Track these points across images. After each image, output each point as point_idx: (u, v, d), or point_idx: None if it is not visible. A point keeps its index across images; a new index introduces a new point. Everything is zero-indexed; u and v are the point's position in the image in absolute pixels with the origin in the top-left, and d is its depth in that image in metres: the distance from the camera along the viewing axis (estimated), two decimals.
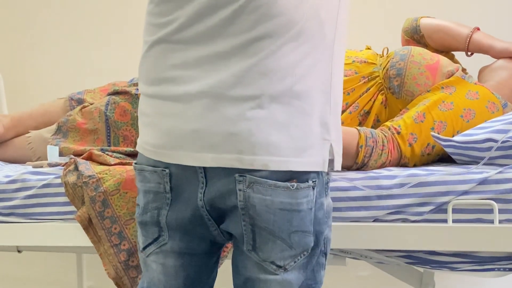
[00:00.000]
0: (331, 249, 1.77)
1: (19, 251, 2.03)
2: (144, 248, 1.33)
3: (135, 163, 1.32)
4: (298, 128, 1.17)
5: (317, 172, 1.20)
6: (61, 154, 1.98)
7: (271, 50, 1.15)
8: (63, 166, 1.85)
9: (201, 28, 1.19)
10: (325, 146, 1.19)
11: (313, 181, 1.19)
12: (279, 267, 1.22)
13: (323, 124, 1.19)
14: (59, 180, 1.80)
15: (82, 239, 1.76)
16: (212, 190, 1.22)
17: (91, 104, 2.09)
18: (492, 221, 1.61)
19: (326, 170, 1.20)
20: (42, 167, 1.90)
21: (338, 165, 1.22)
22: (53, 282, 2.93)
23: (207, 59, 1.18)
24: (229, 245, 1.68)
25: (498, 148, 1.64)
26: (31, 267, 2.94)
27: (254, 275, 1.23)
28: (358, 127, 1.75)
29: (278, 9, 1.15)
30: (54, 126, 2.08)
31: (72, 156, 1.88)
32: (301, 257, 1.22)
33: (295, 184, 1.18)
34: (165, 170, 1.25)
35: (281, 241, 1.20)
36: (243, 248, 1.24)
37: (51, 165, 1.89)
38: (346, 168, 1.73)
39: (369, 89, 1.92)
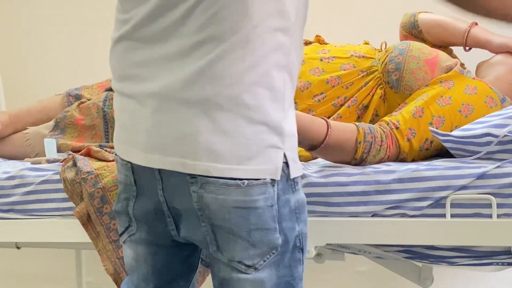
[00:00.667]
0: (330, 244, 1.78)
1: (18, 248, 2.03)
2: (120, 235, 1.37)
3: (115, 154, 1.35)
4: (245, 136, 1.16)
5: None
6: (59, 150, 1.98)
7: (217, 54, 1.14)
8: (61, 162, 1.85)
9: (157, 28, 1.20)
10: (278, 154, 1.18)
11: (271, 178, 1.18)
12: (249, 266, 1.21)
13: (275, 132, 1.17)
14: (57, 176, 1.80)
15: (81, 235, 1.76)
16: (169, 189, 1.23)
17: (89, 100, 2.09)
18: (490, 216, 1.61)
19: (278, 178, 1.18)
20: (40, 163, 1.90)
21: (295, 171, 1.21)
22: (52, 279, 2.93)
23: (162, 59, 1.19)
24: None
25: (497, 143, 1.64)
26: (30, 263, 2.94)
27: (228, 275, 1.23)
28: (357, 123, 1.75)
29: (225, 12, 1.13)
30: (51, 122, 2.08)
31: (71, 152, 1.88)
32: (270, 255, 1.21)
33: (246, 181, 1.17)
34: (128, 164, 1.27)
35: (241, 240, 1.20)
36: (210, 251, 1.24)
37: (49, 161, 1.89)
38: (344, 163, 1.73)
39: (367, 83, 1.92)
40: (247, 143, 1.16)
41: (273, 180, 1.18)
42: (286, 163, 1.19)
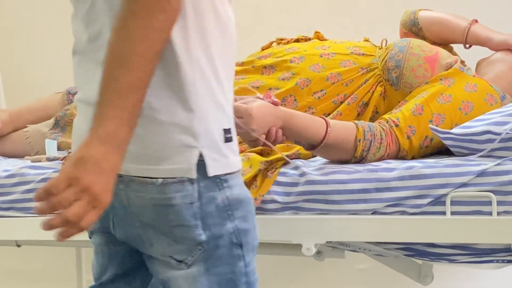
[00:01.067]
0: (330, 242, 1.78)
1: (18, 246, 2.03)
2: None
3: None
4: (155, 139, 1.17)
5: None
6: (59, 148, 1.98)
7: None
8: (61, 160, 1.85)
9: (90, 35, 1.23)
10: (192, 153, 1.18)
11: (187, 177, 1.19)
12: (180, 261, 1.23)
13: (187, 132, 1.18)
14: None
15: (81, 233, 1.75)
16: None
17: None
18: (490, 213, 1.61)
19: (193, 177, 1.18)
20: (40, 161, 1.90)
21: (216, 169, 1.20)
22: (52, 276, 2.94)
23: (92, 66, 1.21)
24: None
25: (498, 140, 1.64)
26: (30, 261, 2.95)
27: (165, 276, 1.25)
28: (356, 121, 1.75)
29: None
30: (51, 121, 2.08)
31: (70, 150, 1.88)
32: (197, 251, 1.22)
33: (161, 180, 1.18)
34: None
35: (165, 236, 1.22)
36: (145, 251, 1.26)
37: (49, 159, 1.89)
38: (344, 162, 1.73)
39: (367, 81, 1.91)
40: (158, 144, 1.17)
41: (191, 178, 1.18)
42: (202, 161, 1.18)
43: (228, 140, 1.21)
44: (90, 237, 1.39)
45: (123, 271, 1.36)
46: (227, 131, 1.20)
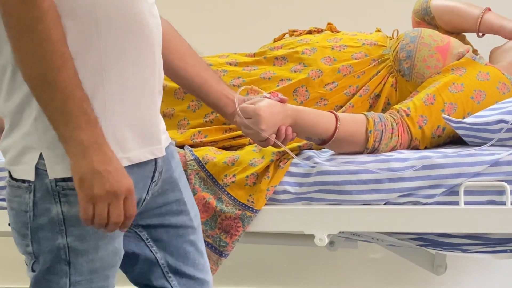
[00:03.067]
0: (343, 232, 1.78)
1: None
2: None
3: None
4: (9, 141, 1.21)
5: (41, 178, 1.19)
6: None
7: None
8: None
9: None
10: (33, 155, 1.19)
11: (28, 184, 1.19)
12: (27, 264, 1.26)
13: (27, 133, 1.18)
14: None
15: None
16: None
17: None
18: (504, 203, 1.60)
19: (32, 179, 1.19)
20: None
21: (58, 172, 1.18)
22: None
23: None
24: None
25: (509, 130, 1.63)
26: None
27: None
28: (366, 113, 1.74)
29: None
30: None
31: None
32: (31, 261, 1.24)
33: (8, 179, 1.23)
34: None
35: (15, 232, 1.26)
36: None
37: None
38: (357, 154, 1.73)
39: (379, 72, 1.91)
40: (11, 146, 1.21)
41: (29, 186, 1.19)
42: (43, 162, 1.18)
43: None
44: None
45: None
46: None
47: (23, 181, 1.20)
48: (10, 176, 1.23)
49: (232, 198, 1.71)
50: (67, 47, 1.12)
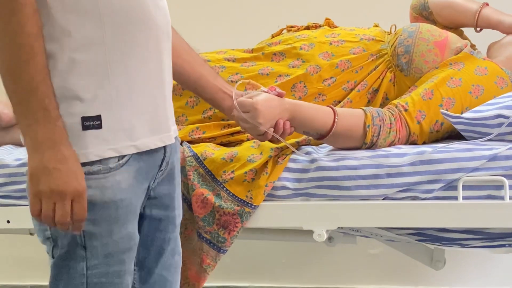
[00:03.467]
0: (341, 228, 1.78)
1: (31, 234, 2.05)
2: None
3: None
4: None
5: None
6: None
7: None
8: None
9: None
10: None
11: None
12: (48, 253, 1.29)
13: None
14: None
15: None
16: None
17: None
18: (502, 197, 1.60)
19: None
20: None
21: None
22: None
23: None
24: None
25: (508, 124, 1.63)
26: (43, 249, 2.96)
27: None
28: (364, 108, 1.74)
29: None
30: None
31: None
32: (49, 245, 1.28)
33: (26, 170, 1.24)
34: None
35: None
36: None
37: None
38: (355, 149, 1.73)
39: (377, 67, 1.91)
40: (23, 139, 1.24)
41: None
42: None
43: (88, 127, 1.20)
44: None
45: None
46: (88, 118, 1.20)
47: None
48: None
49: (231, 194, 1.71)
50: (40, 41, 1.14)
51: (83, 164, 1.19)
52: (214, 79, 1.66)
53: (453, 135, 1.81)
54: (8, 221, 1.84)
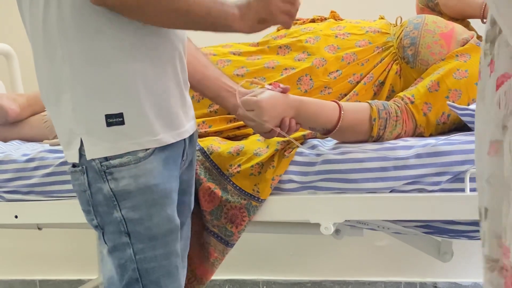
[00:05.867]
0: (348, 221, 1.78)
1: (39, 228, 2.06)
2: None
3: None
4: (60, 128, 1.37)
5: (90, 160, 1.34)
6: None
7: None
8: None
9: None
10: (76, 141, 1.34)
11: (80, 167, 1.35)
12: (100, 239, 1.39)
13: (72, 121, 1.33)
14: None
15: None
16: None
17: None
18: None
19: (76, 161, 1.35)
20: (59, 145, 1.91)
21: (91, 154, 1.33)
22: (73, 258, 2.97)
23: None
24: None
25: None
26: (51, 244, 2.98)
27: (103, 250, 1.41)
28: (370, 101, 1.74)
29: None
30: None
31: None
32: (98, 233, 1.38)
33: (69, 167, 1.39)
34: None
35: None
36: None
37: None
38: (362, 142, 1.73)
39: (383, 59, 1.90)
40: (62, 133, 1.37)
41: (82, 169, 1.35)
42: (83, 148, 1.33)
43: (112, 124, 1.31)
44: None
45: None
46: (111, 116, 1.30)
47: (76, 165, 1.35)
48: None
49: (238, 188, 1.71)
50: None
51: (115, 157, 1.31)
52: (217, 79, 1.69)
53: (460, 127, 1.80)
54: (16, 216, 1.86)
